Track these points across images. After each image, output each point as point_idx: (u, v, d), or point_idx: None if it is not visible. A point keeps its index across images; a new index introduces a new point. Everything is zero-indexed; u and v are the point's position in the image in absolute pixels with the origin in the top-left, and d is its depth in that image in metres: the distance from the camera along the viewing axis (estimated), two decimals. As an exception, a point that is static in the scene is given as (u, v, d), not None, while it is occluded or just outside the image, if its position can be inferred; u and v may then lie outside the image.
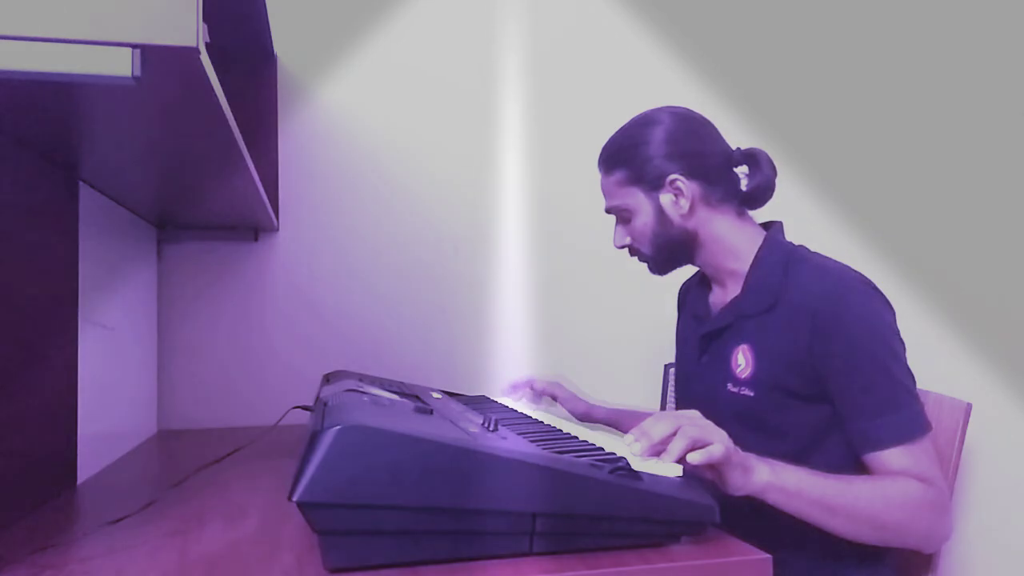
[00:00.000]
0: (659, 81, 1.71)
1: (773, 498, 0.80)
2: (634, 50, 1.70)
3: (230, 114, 0.68)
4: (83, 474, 0.99)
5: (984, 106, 1.56)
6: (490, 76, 1.65)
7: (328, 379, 1.15)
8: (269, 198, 1.31)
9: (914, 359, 0.93)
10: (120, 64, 0.48)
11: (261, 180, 1.08)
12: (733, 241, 1.03)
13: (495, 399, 1.29)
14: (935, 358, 1.29)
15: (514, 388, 1.30)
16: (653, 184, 1.02)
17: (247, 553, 0.69)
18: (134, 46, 0.48)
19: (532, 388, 1.28)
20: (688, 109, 1.06)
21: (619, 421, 1.29)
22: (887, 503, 0.83)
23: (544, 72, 1.67)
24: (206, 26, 0.51)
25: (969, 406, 1.08)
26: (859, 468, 0.90)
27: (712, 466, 0.75)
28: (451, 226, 1.62)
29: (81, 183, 0.98)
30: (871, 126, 1.76)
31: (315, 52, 1.55)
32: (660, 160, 1.01)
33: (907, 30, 1.77)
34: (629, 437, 0.77)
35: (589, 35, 1.69)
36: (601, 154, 1.08)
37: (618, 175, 1.04)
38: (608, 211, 1.09)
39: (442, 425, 0.72)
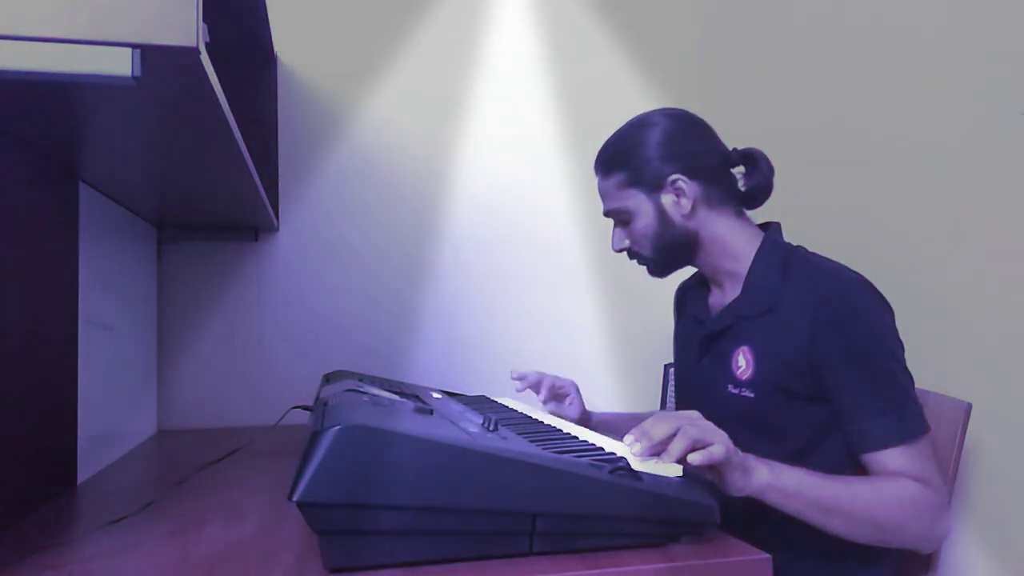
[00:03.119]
0: (655, 84, 1.71)
1: (772, 499, 0.80)
2: (631, 53, 1.71)
3: (230, 114, 0.68)
4: (83, 474, 0.99)
5: (984, 101, 1.56)
6: (491, 77, 1.65)
7: (328, 379, 1.15)
8: (269, 198, 1.31)
9: (914, 359, 0.93)
10: (120, 64, 0.48)
11: (261, 180, 1.08)
12: (732, 242, 1.03)
13: (495, 399, 1.29)
14: (935, 358, 1.29)
15: (526, 382, 1.19)
16: (653, 185, 1.02)
17: (247, 553, 0.69)
18: (134, 46, 0.48)
19: (544, 385, 1.17)
20: (684, 110, 1.06)
21: (619, 425, 1.27)
22: (884, 504, 0.83)
23: (545, 73, 1.67)
24: (206, 26, 0.51)
25: (969, 406, 1.08)
26: (859, 469, 0.91)
27: (712, 467, 0.75)
28: (451, 226, 1.62)
29: (81, 183, 0.98)
30: (868, 122, 1.76)
31: (315, 52, 1.55)
32: (659, 161, 1.01)
33: (899, 29, 1.77)
34: (629, 437, 0.77)
35: (589, 36, 1.69)
36: (598, 157, 1.08)
37: (617, 177, 1.04)
38: (607, 214, 1.09)
39: (442, 425, 0.72)
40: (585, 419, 1.23)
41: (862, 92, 1.76)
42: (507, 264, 1.65)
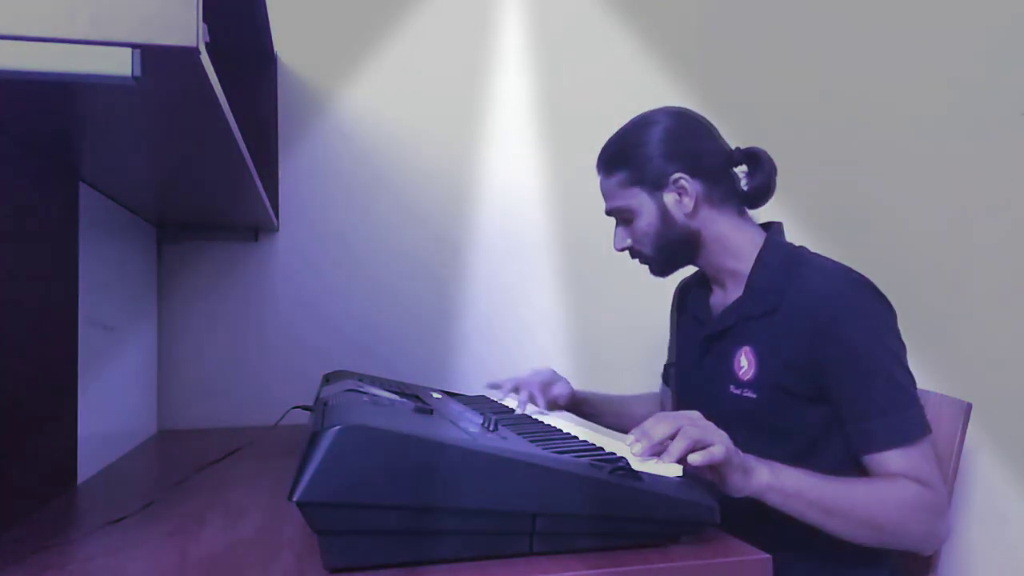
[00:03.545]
0: (656, 83, 1.71)
1: (772, 499, 0.80)
2: (630, 53, 1.70)
3: (230, 114, 0.68)
4: (83, 474, 0.99)
5: (984, 101, 1.56)
6: (491, 77, 1.65)
7: (328, 379, 1.15)
8: (269, 198, 1.31)
9: (914, 359, 0.93)
10: (120, 64, 0.48)
11: (261, 180, 1.08)
12: (735, 241, 1.03)
13: (495, 399, 1.29)
14: (935, 358, 1.29)
15: (513, 394, 1.20)
16: (655, 184, 1.02)
17: (247, 553, 0.69)
18: (134, 46, 0.48)
19: (539, 398, 1.17)
20: (686, 109, 1.06)
21: (602, 406, 1.28)
22: (884, 505, 0.83)
23: (545, 73, 1.67)
24: (206, 26, 0.51)
25: (969, 406, 1.08)
26: (860, 469, 0.90)
27: (712, 467, 0.75)
28: (451, 226, 1.62)
29: (81, 183, 0.98)
30: (869, 123, 1.76)
31: (315, 52, 1.55)
32: (661, 160, 1.01)
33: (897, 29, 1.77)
34: (629, 437, 0.77)
35: (588, 36, 1.69)
36: (600, 156, 1.08)
37: (619, 176, 1.04)
38: (609, 213, 1.09)
39: (442, 425, 0.72)
40: (572, 396, 1.24)
41: (863, 93, 1.76)
42: (508, 263, 1.65)
